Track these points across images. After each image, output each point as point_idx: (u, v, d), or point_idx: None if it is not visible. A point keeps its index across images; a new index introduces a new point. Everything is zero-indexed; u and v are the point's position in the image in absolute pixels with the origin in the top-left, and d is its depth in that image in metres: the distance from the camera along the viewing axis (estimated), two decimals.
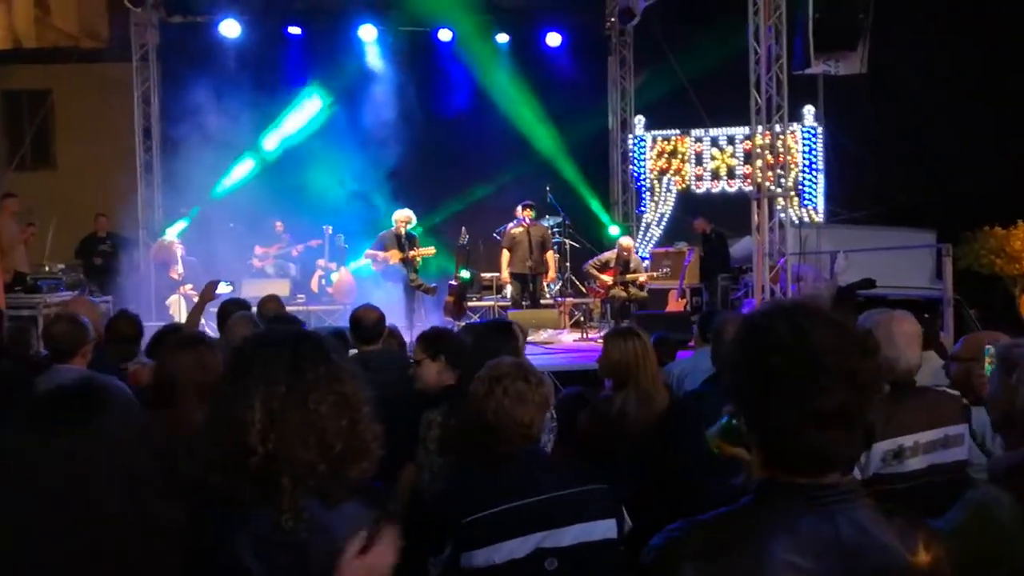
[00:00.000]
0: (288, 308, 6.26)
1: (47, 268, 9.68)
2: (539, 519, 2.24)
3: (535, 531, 2.22)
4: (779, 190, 10.03)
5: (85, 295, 8.59)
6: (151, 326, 6.09)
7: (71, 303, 4.72)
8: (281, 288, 10.19)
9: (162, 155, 12.05)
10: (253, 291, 10.36)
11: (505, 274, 10.37)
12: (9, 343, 5.48)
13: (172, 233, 11.17)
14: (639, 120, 13.40)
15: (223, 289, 5.13)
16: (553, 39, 12.89)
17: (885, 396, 2.68)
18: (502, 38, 12.68)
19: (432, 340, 3.45)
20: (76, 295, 7.99)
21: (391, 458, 1.78)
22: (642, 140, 13.38)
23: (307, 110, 12.17)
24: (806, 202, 12.96)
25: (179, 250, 10.77)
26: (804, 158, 13.02)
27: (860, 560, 1.27)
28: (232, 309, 4.52)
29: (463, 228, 10.67)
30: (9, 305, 7.23)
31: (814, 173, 13.04)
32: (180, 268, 10.63)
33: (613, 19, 13.14)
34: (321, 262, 11.45)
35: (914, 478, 2.60)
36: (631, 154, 13.43)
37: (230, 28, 12.00)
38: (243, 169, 11.99)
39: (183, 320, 7.32)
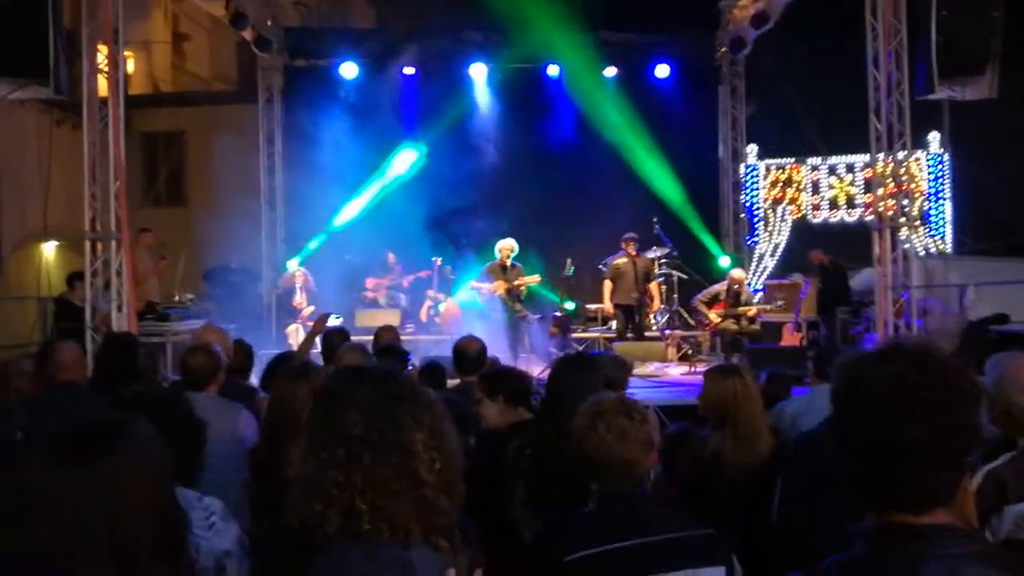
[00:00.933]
0: None
1: (177, 298, 10.28)
2: (646, 561, 2.12)
3: (642, 574, 2.11)
4: (903, 220, 9.54)
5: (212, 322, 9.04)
6: (266, 353, 6.36)
7: (203, 330, 4.89)
8: (392, 318, 10.44)
9: (285, 191, 12.67)
10: (366, 321, 10.71)
11: (609, 305, 10.29)
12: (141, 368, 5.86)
13: (293, 264, 11.69)
14: (751, 149, 13.09)
15: (333, 321, 5.31)
16: (662, 70, 12.80)
17: (1020, 451, 2.42)
18: (610, 71, 12.70)
19: (491, 379, 3.45)
20: (204, 323, 8.41)
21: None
22: (755, 169, 13.07)
23: (420, 145, 12.54)
24: (932, 232, 12.30)
25: (299, 280, 11.23)
26: (930, 186, 12.38)
27: None
28: (335, 338, 4.66)
29: (568, 259, 10.66)
30: (140, 332, 7.69)
31: (941, 202, 12.38)
32: (298, 297, 11.08)
33: (723, 48, 12.95)
34: (430, 292, 11.68)
35: None
36: (743, 184, 13.13)
37: (349, 70, 12.55)
38: (359, 203, 12.44)
39: None
